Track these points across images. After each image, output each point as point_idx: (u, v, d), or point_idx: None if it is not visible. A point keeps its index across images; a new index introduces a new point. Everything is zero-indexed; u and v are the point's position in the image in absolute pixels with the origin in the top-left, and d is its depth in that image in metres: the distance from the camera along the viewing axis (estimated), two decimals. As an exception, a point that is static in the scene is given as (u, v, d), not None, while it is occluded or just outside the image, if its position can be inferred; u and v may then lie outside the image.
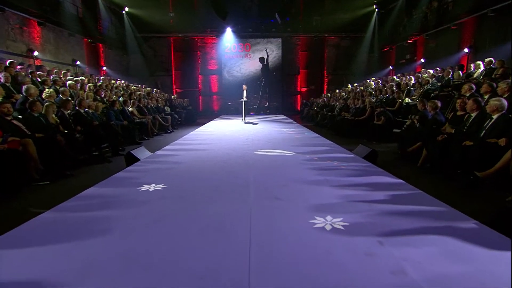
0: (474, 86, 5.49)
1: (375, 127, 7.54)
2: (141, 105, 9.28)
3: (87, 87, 9.08)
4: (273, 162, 4.71)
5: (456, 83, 7.24)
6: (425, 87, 8.32)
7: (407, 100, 8.50)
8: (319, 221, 2.37)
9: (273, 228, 2.29)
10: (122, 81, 13.96)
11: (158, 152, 5.61)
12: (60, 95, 6.48)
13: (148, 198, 2.99)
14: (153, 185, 3.37)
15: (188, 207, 2.75)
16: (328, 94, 15.28)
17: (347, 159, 4.84)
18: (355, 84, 15.01)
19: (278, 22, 15.36)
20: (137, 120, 8.42)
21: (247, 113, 15.29)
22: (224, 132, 8.77)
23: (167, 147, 6.24)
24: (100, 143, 5.74)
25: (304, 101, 16.96)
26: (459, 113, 4.75)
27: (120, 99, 9.58)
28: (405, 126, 6.07)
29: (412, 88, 9.18)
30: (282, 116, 15.52)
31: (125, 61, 16.89)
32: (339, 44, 18.31)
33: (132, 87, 12.64)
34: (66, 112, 5.46)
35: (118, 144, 6.37)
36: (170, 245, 2.05)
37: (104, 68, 15.02)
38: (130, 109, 8.60)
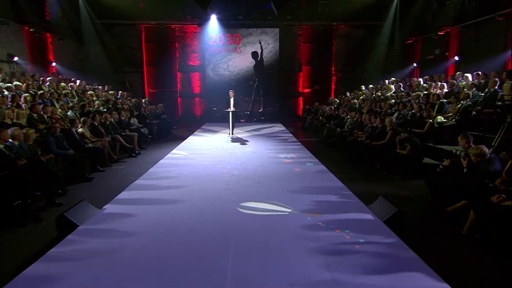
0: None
1: (398, 157, 6.94)
2: (96, 123, 8.53)
3: (22, 99, 8.35)
4: (263, 233, 4.04)
5: (507, 101, 6.65)
6: (464, 103, 7.74)
7: (439, 118, 7.93)
8: None
9: None
10: (77, 82, 13.26)
11: (108, 208, 4.89)
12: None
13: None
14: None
15: None
16: (336, 99, 14.73)
17: (362, 226, 4.20)
18: (370, 86, 14.56)
19: (274, 12, 14.73)
20: (89, 145, 7.69)
21: (237, 121, 14.77)
22: (203, 160, 8.10)
23: (122, 195, 5.53)
24: (27, 192, 5.02)
25: (307, 107, 16.42)
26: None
27: (68, 113, 8.88)
28: (440, 166, 5.46)
29: (445, 101, 8.63)
30: (280, 127, 14.98)
31: (81, 55, 16.13)
32: (350, 34, 17.81)
33: (89, 92, 11.90)
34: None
35: (56, 188, 5.67)
36: None
37: (54, 64, 14.26)
38: (80, 130, 7.86)
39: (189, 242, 3.85)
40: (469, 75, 9.50)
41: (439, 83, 9.93)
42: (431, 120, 7.66)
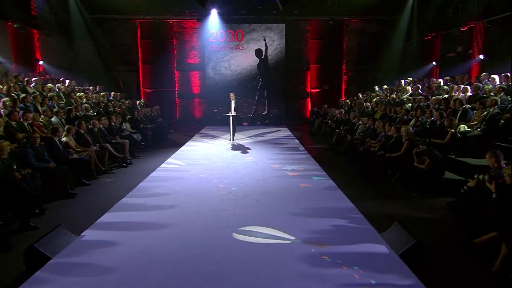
0: None
1: (416, 171, 6.61)
2: (82, 131, 8.28)
3: (1, 104, 8.12)
4: (260, 268, 3.75)
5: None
6: (491, 110, 7.37)
7: (463, 127, 7.58)
8: None
9: None
10: (66, 82, 13.10)
11: (87, 235, 4.62)
12: None
13: None
14: None
15: None
16: (348, 100, 14.43)
17: (374, 261, 3.88)
18: (385, 87, 14.30)
19: (279, 7, 14.51)
20: (74, 156, 7.44)
21: (239, 124, 14.56)
22: (199, 173, 7.83)
23: (104, 217, 5.25)
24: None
25: (315, 109, 16.17)
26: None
27: (53, 119, 8.66)
28: (465, 187, 5.10)
29: (469, 106, 8.27)
30: (285, 131, 14.78)
31: (71, 53, 16.07)
32: (363, 30, 17.62)
33: (78, 94, 11.69)
34: None
35: (32, 209, 5.42)
36: None
37: (41, 62, 14.15)
38: (64, 139, 7.62)
39: (175, 278, 3.58)
40: (496, 77, 9.11)
41: (462, 86, 9.56)
42: (453, 130, 7.32)
